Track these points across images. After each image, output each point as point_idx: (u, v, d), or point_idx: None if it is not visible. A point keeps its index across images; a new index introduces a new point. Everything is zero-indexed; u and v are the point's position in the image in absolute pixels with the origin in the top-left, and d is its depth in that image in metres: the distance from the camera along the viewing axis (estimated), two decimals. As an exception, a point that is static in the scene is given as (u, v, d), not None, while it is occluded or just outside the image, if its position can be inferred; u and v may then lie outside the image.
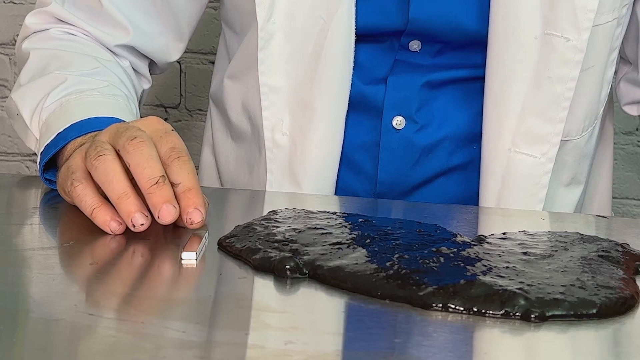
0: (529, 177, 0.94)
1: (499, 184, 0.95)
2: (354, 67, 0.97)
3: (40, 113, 0.90)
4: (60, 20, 1.03)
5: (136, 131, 0.74)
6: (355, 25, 0.95)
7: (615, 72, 1.05)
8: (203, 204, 0.72)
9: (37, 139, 0.90)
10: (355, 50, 0.96)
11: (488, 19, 0.94)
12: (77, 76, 0.93)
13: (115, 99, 0.92)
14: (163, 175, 0.72)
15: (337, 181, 0.99)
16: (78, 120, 0.86)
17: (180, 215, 0.71)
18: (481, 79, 0.96)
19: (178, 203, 0.71)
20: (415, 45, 0.97)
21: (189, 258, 0.67)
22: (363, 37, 0.96)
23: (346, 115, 0.98)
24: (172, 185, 0.72)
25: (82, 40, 1.02)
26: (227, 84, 1.06)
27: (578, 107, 0.96)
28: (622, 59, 1.06)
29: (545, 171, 0.95)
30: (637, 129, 1.62)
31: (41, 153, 0.86)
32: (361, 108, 0.98)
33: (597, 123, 1.00)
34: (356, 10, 0.95)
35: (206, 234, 0.72)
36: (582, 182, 1.01)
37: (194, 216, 0.71)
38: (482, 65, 0.95)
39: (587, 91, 0.96)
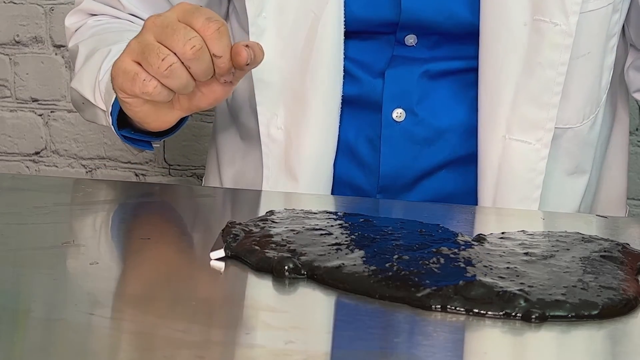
0: (525, 163, 0.95)
1: (496, 172, 0.95)
2: (349, 62, 0.97)
3: (99, 87, 0.96)
4: (94, 15, 1.09)
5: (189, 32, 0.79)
6: (347, 18, 0.96)
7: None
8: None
9: (105, 110, 0.95)
10: (351, 47, 0.97)
11: (479, 8, 0.94)
12: (120, 43, 0.97)
13: None
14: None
15: (340, 175, 0.99)
16: None
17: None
18: (477, 70, 0.96)
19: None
20: (411, 39, 0.97)
21: (218, 255, 0.67)
22: (358, 33, 0.97)
23: (346, 110, 0.98)
24: (213, 56, 0.80)
25: (120, 21, 1.07)
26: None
27: (575, 94, 0.96)
28: (631, 46, 1.06)
29: (541, 157, 0.95)
30: (637, 129, 1.62)
31: (111, 113, 0.92)
32: (360, 102, 0.99)
33: (599, 111, 1.00)
34: (347, 2, 0.95)
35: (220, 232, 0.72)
36: (587, 171, 1.02)
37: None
38: (478, 57, 0.96)
39: (585, 78, 0.96)
